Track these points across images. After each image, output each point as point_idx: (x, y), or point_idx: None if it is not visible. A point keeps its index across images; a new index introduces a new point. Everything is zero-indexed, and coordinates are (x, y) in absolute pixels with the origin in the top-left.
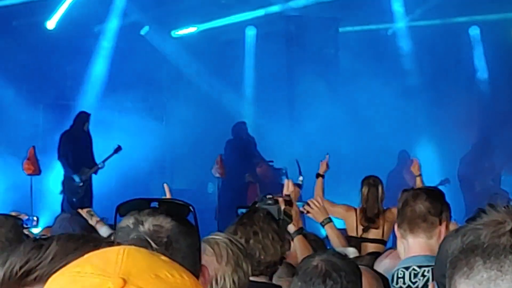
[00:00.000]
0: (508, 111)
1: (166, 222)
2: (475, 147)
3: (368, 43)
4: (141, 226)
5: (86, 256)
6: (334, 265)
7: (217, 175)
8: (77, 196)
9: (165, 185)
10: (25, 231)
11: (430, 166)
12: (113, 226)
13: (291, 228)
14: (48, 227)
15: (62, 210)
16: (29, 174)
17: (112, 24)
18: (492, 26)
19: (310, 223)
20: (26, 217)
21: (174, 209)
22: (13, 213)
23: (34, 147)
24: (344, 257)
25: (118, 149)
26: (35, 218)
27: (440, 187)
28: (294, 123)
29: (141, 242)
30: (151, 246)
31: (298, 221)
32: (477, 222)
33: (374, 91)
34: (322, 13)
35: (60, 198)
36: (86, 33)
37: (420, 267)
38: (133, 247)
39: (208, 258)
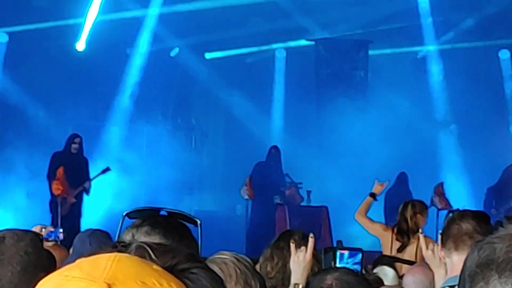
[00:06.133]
0: None
1: None
2: (504, 176)
3: (398, 66)
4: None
5: (78, 261)
6: (348, 284)
7: (246, 196)
8: (64, 214)
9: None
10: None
11: (457, 194)
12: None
13: None
14: (55, 241)
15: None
16: (58, 195)
17: (143, 46)
18: None
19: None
20: (52, 229)
21: (177, 224)
22: (38, 226)
23: (63, 167)
24: (356, 274)
25: (106, 169)
26: (60, 230)
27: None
28: (322, 145)
29: None
30: None
31: None
32: (493, 236)
33: (403, 114)
34: (352, 35)
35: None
36: (117, 54)
37: None
38: (126, 254)
39: None
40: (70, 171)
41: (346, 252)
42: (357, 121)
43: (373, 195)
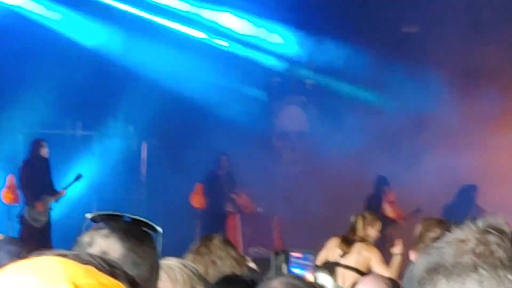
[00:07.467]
0: None
1: (116, 249)
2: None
3: (350, 72)
4: (90, 248)
5: (21, 267)
6: (294, 286)
7: (197, 205)
8: (39, 223)
9: None
10: None
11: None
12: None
13: None
14: None
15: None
16: (9, 204)
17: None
18: None
19: None
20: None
21: (139, 230)
22: None
23: (13, 175)
24: (302, 279)
25: (78, 177)
26: None
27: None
28: (273, 153)
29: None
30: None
31: None
32: (441, 241)
33: (357, 123)
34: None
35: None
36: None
37: None
38: (59, 257)
39: (163, 284)
40: (43, 177)
41: (297, 254)
42: (309, 129)
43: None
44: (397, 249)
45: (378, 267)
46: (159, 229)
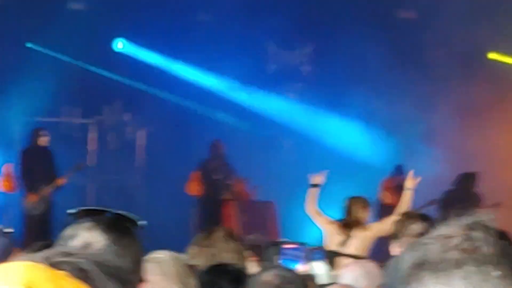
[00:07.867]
0: None
1: (99, 240)
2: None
3: (344, 59)
4: (73, 240)
5: None
6: (285, 278)
7: (194, 192)
8: (37, 211)
9: None
10: None
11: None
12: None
13: None
14: None
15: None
16: (6, 192)
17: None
18: None
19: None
20: None
21: (122, 223)
22: None
23: (10, 163)
24: (292, 270)
25: (80, 166)
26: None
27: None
28: (269, 140)
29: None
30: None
31: None
32: (426, 237)
33: (353, 109)
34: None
35: None
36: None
37: None
38: (30, 262)
39: (155, 278)
40: (44, 166)
41: (289, 246)
42: (305, 116)
43: (315, 186)
44: (409, 183)
45: (386, 223)
46: (142, 223)
